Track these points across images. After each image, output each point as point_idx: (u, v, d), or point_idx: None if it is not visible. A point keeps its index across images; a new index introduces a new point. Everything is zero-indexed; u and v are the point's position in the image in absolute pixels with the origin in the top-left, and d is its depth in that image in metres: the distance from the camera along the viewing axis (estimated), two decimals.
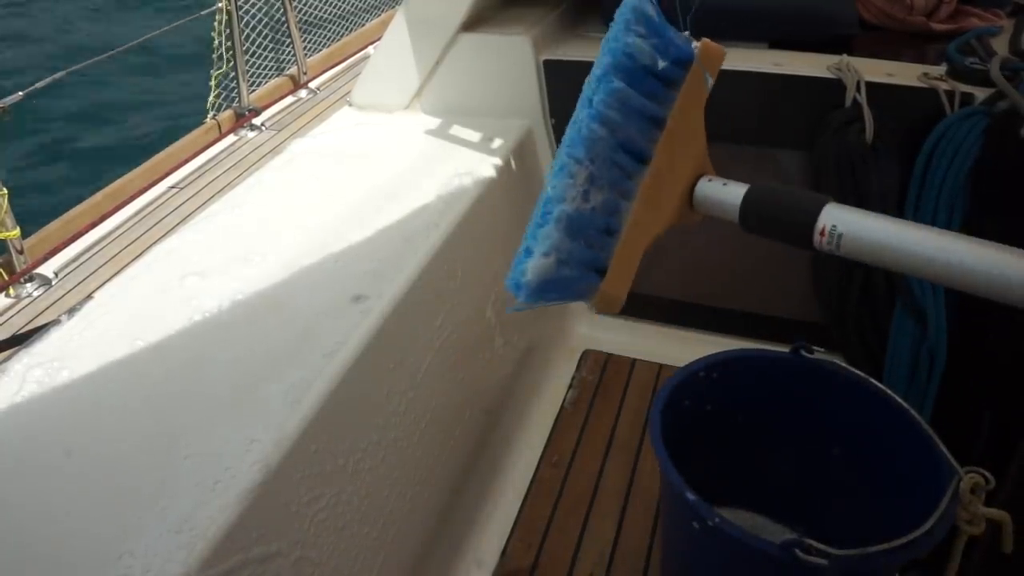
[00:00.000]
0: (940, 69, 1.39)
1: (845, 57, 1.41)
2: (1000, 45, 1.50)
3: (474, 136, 1.57)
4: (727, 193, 0.65)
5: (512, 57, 1.56)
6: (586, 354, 1.76)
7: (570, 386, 1.68)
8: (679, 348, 1.57)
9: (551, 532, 1.36)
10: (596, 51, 1.79)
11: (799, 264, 1.62)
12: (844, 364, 1.06)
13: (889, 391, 1.01)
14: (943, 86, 1.32)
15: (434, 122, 1.64)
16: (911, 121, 1.34)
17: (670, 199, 0.66)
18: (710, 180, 0.67)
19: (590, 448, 1.52)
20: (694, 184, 0.67)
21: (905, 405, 0.98)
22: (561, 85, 1.57)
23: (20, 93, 2.26)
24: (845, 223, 0.57)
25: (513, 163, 1.53)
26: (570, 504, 1.41)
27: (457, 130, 1.59)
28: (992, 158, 1.25)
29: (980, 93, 1.31)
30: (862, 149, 1.34)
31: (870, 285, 1.43)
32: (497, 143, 1.54)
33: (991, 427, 1.32)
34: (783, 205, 0.62)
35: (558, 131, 1.63)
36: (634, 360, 1.74)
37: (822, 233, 0.58)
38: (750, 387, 1.11)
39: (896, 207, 1.37)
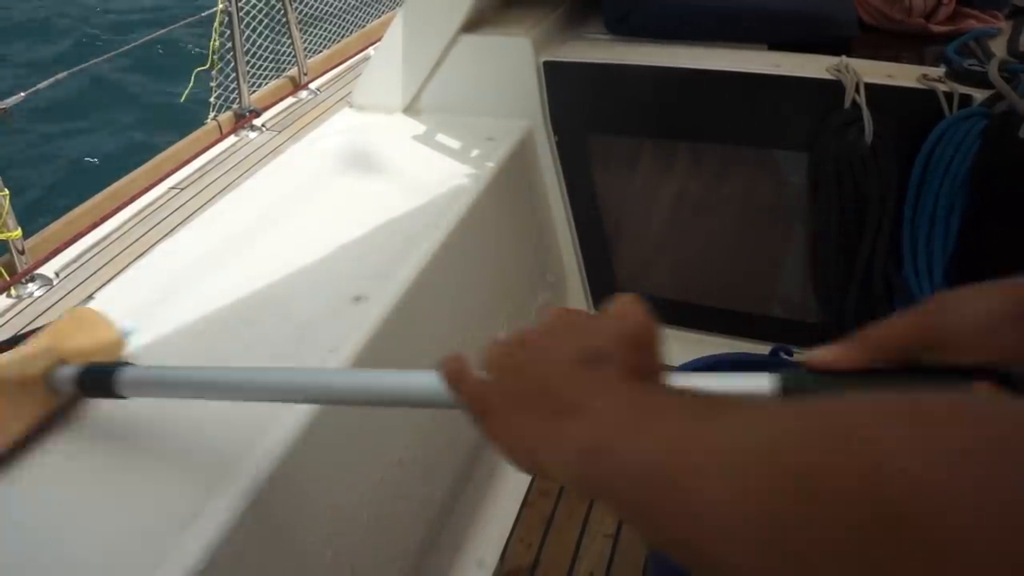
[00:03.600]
0: (939, 70, 1.39)
1: (844, 58, 1.41)
2: (998, 46, 1.51)
3: (474, 137, 1.57)
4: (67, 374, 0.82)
5: (512, 58, 1.57)
6: None
7: None
8: (679, 348, 1.57)
9: (551, 532, 1.36)
10: (597, 52, 1.79)
11: (798, 265, 1.62)
12: None
13: None
14: (942, 87, 1.33)
15: (434, 123, 1.64)
16: (910, 122, 1.34)
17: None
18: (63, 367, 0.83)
19: None
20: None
21: None
22: (561, 86, 1.57)
23: (22, 93, 2.26)
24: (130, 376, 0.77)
25: (513, 164, 1.54)
26: (570, 504, 1.41)
27: (457, 131, 1.60)
28: (991, 159, 1.25)
29: (979, 94, 1.31)
30: (861, 150, 1.35)
31: (869, 285, 1.43)
32: (497, 144, 1.54)
33: None
34: (97, 375, 0.80)
35: (558, 131, 1.63)
36: None
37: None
38: None
39: (895, 208, 1.38)
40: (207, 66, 3.06)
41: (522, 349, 0.47)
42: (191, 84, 3.08)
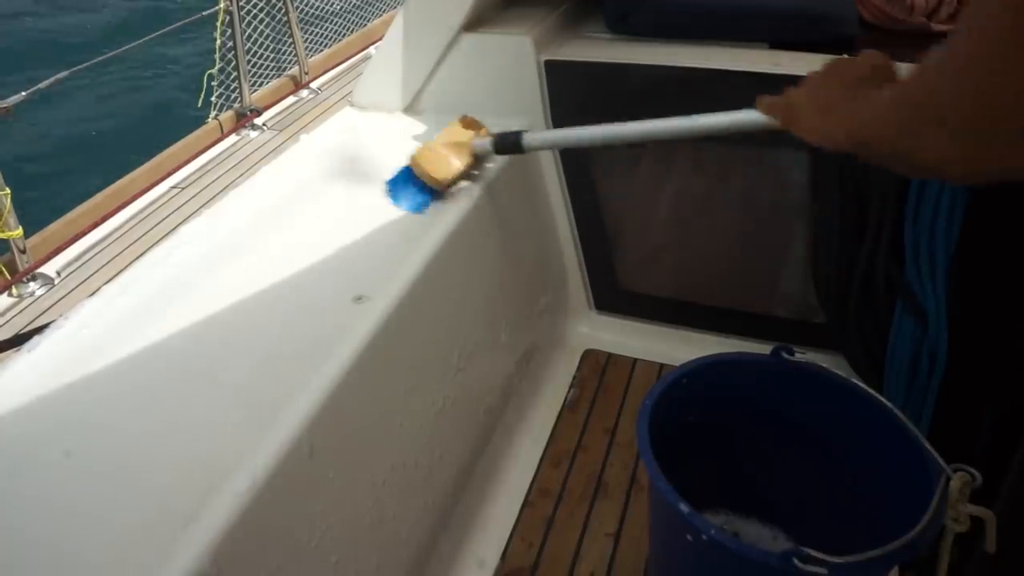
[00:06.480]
0: None
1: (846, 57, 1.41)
2: None
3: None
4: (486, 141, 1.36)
5: (513, 57, 1.57)
6: (587, 354, 1.77)
7: (571, 386, 1.68)
8: (679, 348, 1.57)
9: (552, 532, 1.36)
10: (598, 51, 1.79)
11: (799, 264, 1.62)
12: (825, 366, 1.06)
13: (872, 391, 1.00)
14: None
15: (435, 122, 1.64)
16: None
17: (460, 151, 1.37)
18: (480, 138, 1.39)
19: (591, 448, 1.53)
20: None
21: (889, 405, 0.98)
22: (562, 85, 1.57)
23: (23, 93, 2.26)
24: (533, 136, 1.30)
25: (514, 163, 1.54)
26: (571, 504, 1.41)
27: None
28: None
29: None
30: None
31: (870, 285, 1.43)
32: None
33: (992, 425, 1.32)
34: (507, 138, 1.31)
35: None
36: (635, 360, 1.74)
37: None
38: (733, 391, 1.10)
39: (896, 207, 1.37)
40: (215, 68, 3.07)
41: (814, 84, 0.84)
42: (204, 88, 3.08)
